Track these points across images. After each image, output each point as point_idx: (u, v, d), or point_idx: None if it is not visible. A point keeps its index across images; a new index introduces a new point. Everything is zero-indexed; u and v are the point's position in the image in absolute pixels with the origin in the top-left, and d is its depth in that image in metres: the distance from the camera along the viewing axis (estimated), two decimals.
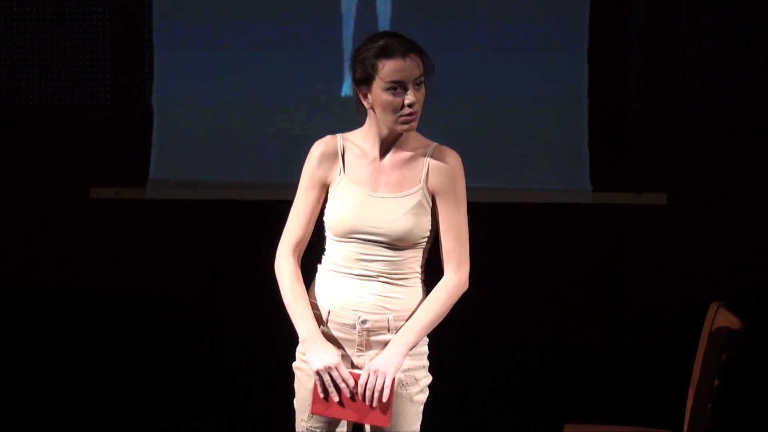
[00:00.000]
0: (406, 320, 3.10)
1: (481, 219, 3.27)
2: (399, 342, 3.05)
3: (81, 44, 6.25)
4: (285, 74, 6.05)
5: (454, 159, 3.14)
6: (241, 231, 6.17)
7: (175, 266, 6.24)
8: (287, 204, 3.28)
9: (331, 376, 3.01)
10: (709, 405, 3.80)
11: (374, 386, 2.98)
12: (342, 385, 3.01)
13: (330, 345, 3.06)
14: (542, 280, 6.09)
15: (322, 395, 3.02)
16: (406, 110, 3.05)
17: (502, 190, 5.94)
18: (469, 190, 3.20)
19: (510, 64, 5.99)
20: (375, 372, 2.99)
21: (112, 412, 5.38)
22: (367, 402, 2.99)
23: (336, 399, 3.00)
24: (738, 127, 6.10)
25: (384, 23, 5.99)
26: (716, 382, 3.79)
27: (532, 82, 5.98)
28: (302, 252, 3.21)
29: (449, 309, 3.13)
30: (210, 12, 6.07)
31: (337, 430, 3.19)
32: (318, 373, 3.02)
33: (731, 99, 6.13)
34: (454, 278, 3.13)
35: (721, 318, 3.84)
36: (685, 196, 6.07)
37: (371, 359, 3.05)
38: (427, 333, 3.11)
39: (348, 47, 6.04)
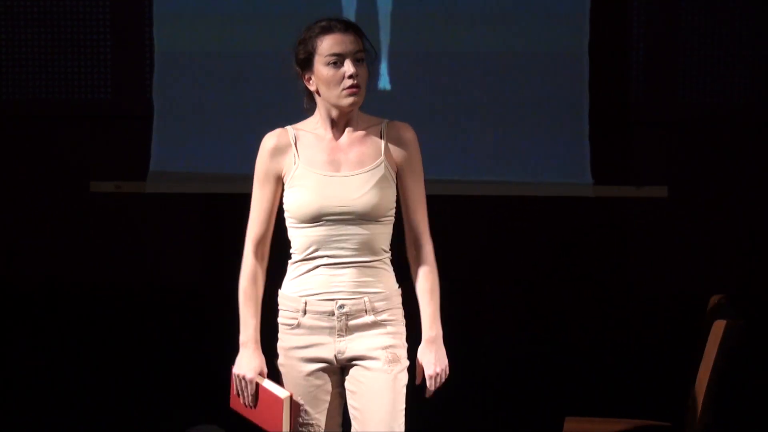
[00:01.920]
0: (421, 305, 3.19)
1: (481, 212, 3.28)
2: (433, 338, 3.17)
3: (81, 38, 6.24)
4: (284, 68, 6.03)
5: (410, 132, 3.22)
6: (242, 224, 6.15)
7: (175, 259, 6.23)
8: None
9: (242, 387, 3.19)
10: (709, 398, 3.81)
11: (442, 380, 3.16)
12: (247, 396, 3.19)
13: (258, 359, 3.21)
14: (542, 273, 6.08)
15: (237, 394, 3.22)
16: (348, 82, 3.11)
17: (502, 183, 5.93)
18: (470, 183, 3.22)
19: (510, 58, 5.98)
20: (438, 374, 3.15)
21: (110, 405, 5.38)
22: (432, 389, 3.14)
23: (242, 402, 3.21)
24: (739, 120, 6.08)
25: (385, 17, 5.98)
26: (716, 375, 3.79)
27: (533, 75, 5.96)
28: (267, 247, 3.27)
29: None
30: (210, 6, 6.06)
31: (330, 418, 3.21)
32: (235, 375, 3.20)
33: (732, 92, 6.11)
34: (430, 248, 3.21)
35: (722, 311, 3.84)
36: (686, 190, 6.06)
37: (353, 342, 3.13)
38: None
39: None
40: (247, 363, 3.19)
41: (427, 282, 3.19)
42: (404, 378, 3.17)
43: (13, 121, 6.22)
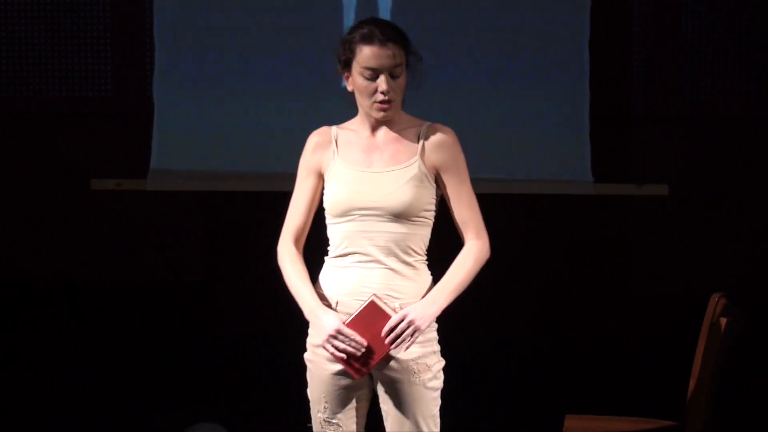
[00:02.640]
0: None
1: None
2: (431, 301, 3.08)
3: (81, 34, 6.23)
4: (286, 66, 6.04)
5: (449, 134, 3.21)
6: (243, 222, 6.17)
7: (176, 257, 6.23)
8: (289, 195, 3.29)
9: (340, 341, 3.02)
10: (710, 395, 3.81)
11: (402, 333, 3.02)
12: (353, 345, 3.01)
13: (329, 312, 3.07)
14: (543, 271, 6.08)
15: (345, 364, 3.05)
16: (379, 97, 3.11)
17: (502, 181, 5.93)
18: (470, 181, 3.22)
19: (510, 54, 5.98)
20: (410, 322, 3.02)
21: (110, 404, 5.38)
22: (387, 341, 3.01)
23: (355, 358, 3.02)
24: (740, 118, 6.08)
25: (385, 15, 5.98)
26: (717, 372, 3.80)
27: (533, 72, 5.96)
28: (303, 240, 3.25)
29: (475, 274, 3.19)
30: (211, 4, 6.06)
31: (353, 420, 3.21)
32: (326, 345, 3.04)
33: (733, 90, 6.11)
34: (477, 243, 3.20)
35: (722, 309, 3.84)
36: (687, 188, 6.07)
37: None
38: (455, 296, 3.13)
39: None
40: (324, 323, 3.04)
41: (459, 265, 3.15)
42: (436, 383, 3.17)
43: (14, 118, 6.22)
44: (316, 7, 6.02)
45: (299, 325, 3.24)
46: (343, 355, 3.05)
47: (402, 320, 3.04)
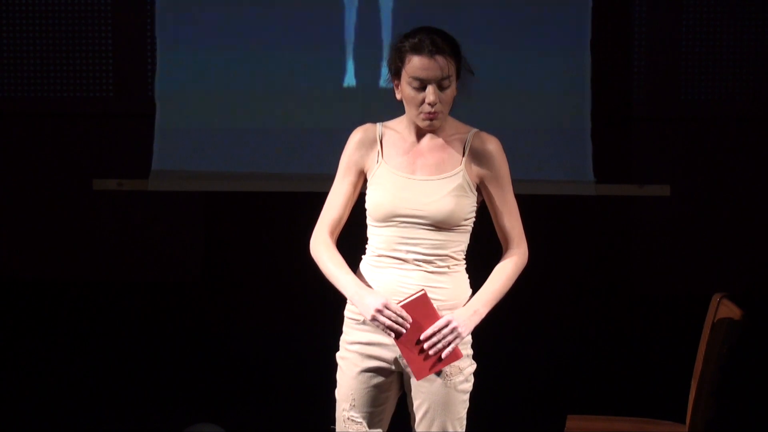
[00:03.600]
0: (468, 299, 3.15)
1: (482, 211, 3.28)
2: (473, 309, 3.11)
3: (83, 35, 6.24)
4: (286, 66, 6.03)
5: (494, 143, 3.21)
6: (245, 222, 6.17)
7: (177, 257, 6.23)
8: (290, 195, 3.29)
9: (386, 317, 3.00)
10: (712, 395, 3.81)
11: (444, 338, 3.02)
12: (399, 321, 2.99)
13: (374, 291, 3.06)
14: (544, 271, 6.08)
15: (394, 339, 3.02)
16: (426, 108, 3.09)
17: None
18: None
19: (512, 54, 5.97)
20: (453, 328, 3.03)
21: (110, 404, 5.38)
22: (431, 350, 3.02)
23: (404, 332, 2.99)
24: (741, 117, 6.08)
25: (386, 15, 5.98)
26: (719, 372, 3.79)
27: (534, 73, 5.96)
28: (338, 234, 3.22)
29: (514, 280, 3.25)
30: (212, 3, 6.06)
31: (377, 421, 3.21)
32: (374, 319, 3.01)
33: (735, 90, 6.11)
34: (518, 251, 3.26)
35: (724, 309, 3.84)
36: (689, 188, 6.06)
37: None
38: (496, 302, 3.19)
39: (350, 39, 6.03)
40: (371, 301, 3.01)
41: (500, 270, 3.20)
42: (467, 386, 3.18)
43: (16, 118, 6.22)
44: (317, 6, 6.02)
45: (300, 326, 3.24)
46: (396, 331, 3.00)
47: (446, 325, 3.05)
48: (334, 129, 5.73)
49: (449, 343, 3.04)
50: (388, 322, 3.00)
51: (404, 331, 3.00)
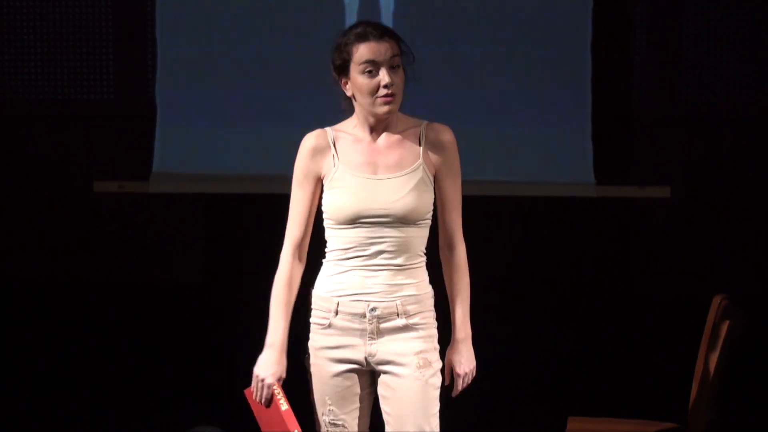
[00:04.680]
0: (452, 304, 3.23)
1: (484, 212, 3.28)
2: (462, 338, 3.22)
3: (84, 38, 6.24)
4: (287, 68, 6.04)
5: (448, 134, 3.21)
6: (245, 225, 6.17)
7: (177, 259, 6.23)
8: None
9: (258, 390, 3.18)
10: (713, 397, 3.80)
11: (470, 380, 3.24)
12: (262, 397, 3.18)
13: (279, 364, 3.16)
14: (545, 274, 6.08)
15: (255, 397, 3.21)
16: (383, 91, 3.09)
17: (504, 183, 5.93)
18: (473, 183, 3.22)
19: (513, 56, 5.98)
20: (467, 373, 3.22)
21: (110, 405, 5.38)
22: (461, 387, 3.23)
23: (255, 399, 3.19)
24: (743, 119, 6.08)
25: (387, 16, 5.98)
26: (719, 374, 3.79)
27: (535, 74, 5.96)
28: (305, 249, 3.24)
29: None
30: (212, 4, 6.07)
31: (356, 420, 3.21)
32: (255, 375, 3.18)
33: (735, 91, 6.11)
34: (463, 250, 3.22)
35: (725, 311, 3.83)
36: (689, 189, 6.06)
37: (384, 346, 3.12)
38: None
39: None
40: (269, 366, 3.17)
41: (459, 284, 3.21)
42: (437, 381, 3.18)
43: (17, 121, 6.23)
44: (318, 8, 6.02)
45: (300, 326, 3.24)
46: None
47: (462, 378, 3.22)
48: None
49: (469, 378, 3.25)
50: (255, 392, 3.19)
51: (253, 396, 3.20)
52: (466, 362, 3.21)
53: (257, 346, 4.69)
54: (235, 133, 6.04)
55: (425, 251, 3.20)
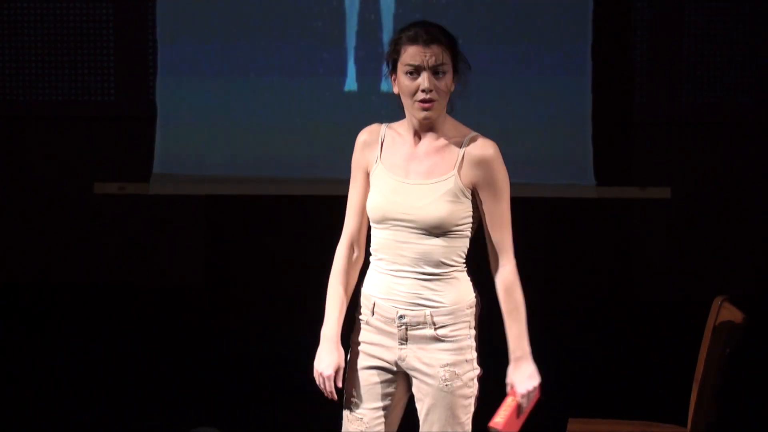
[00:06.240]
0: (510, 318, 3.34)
1: None
2: (518, 357, 3.34)
3: (85, 39, 6.25)
4: (288, 70, 6.04)
5: (491, 149, 3.13)
6: (246, 225, 6.17)
7: (178, 260, 6.24)
8: (291, 198, 3.29)
9: (320, 383, 3.13)
10: (713, 399, 3.81)
11: (532, 397, 3.28)
12: (327, 393, 3.12)
13: (334, 354, 3.13)
14: (546, 274, 6.08)
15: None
16: (420, 95, 3.06)
17: None
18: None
19: (513, 57, 5.98)
20: (529, 392, 3.29)
21: (111, 405, 5.39)
22: (525, 405, 3.28)
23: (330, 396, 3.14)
24: (742, 120, 6.09)
25: (387, 18, 5.98)
26: (720, 376, 3.79)
27: (535, 76, 5.97)
28: (362, 241, 3.22)
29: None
30: (212, 6, 6.07)
31: (379, 420, 3.20)
32: (315, 370, 3.14)
33: (735, 93, 6.11)
34: (512, 267, 3.28)
35: (725, 312, 3.83)
36: (690, 190, 6.07)
37: (413, 353, 3.13)
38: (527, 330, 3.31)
39: (351, 42, 6.03)
40: (324, 358, 3.14)
41: (508, 303, 3.27)
42: (467, 391, 3.20)
43: (18, 122, 6.23)
44: (318, 9, 6.03)
45: (300, 327, 3.24)
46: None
47: (528, 391, 3.28)
48: (335, 133, 5.75)
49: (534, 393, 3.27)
50: (320, 387, 3.13)
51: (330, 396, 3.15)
52: (525, 381, 3.25)
53: (258, 348, 4.70)
54: (236, 135, 6.05)
55: (461, 262, 3.17)
